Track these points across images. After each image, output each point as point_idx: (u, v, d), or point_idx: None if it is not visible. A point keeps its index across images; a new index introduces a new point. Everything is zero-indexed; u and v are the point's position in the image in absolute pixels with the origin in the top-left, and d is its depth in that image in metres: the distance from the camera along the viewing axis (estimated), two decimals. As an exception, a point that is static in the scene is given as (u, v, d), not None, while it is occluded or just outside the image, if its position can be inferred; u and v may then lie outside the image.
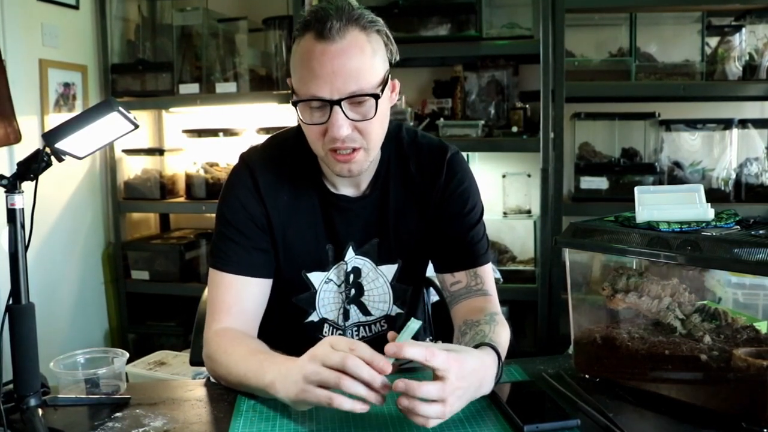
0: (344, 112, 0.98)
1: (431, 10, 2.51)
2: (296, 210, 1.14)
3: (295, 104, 1.01)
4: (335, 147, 1.01)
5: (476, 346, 0.96)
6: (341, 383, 0.81)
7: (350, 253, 1.17)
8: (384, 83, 1.02)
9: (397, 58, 1.07)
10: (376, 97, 1.00)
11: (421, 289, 1.36)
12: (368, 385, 0.82)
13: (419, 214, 1.18)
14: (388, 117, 1.08)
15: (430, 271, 1.29)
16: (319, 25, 0.96)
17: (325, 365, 0.83)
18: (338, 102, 0.97)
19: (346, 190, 1.15)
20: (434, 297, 1.51)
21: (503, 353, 1.00)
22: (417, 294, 1.32)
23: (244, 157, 1.16)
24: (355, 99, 0.98)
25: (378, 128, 1.04)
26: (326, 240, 1.16)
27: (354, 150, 1.02)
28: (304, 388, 0.85)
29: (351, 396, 0.83)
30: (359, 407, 0.82)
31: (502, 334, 1.05)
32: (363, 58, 0.98)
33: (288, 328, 1.20)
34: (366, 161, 1.06)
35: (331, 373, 0.82)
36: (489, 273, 1.18)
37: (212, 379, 1.09)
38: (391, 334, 0.90)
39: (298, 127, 1.19)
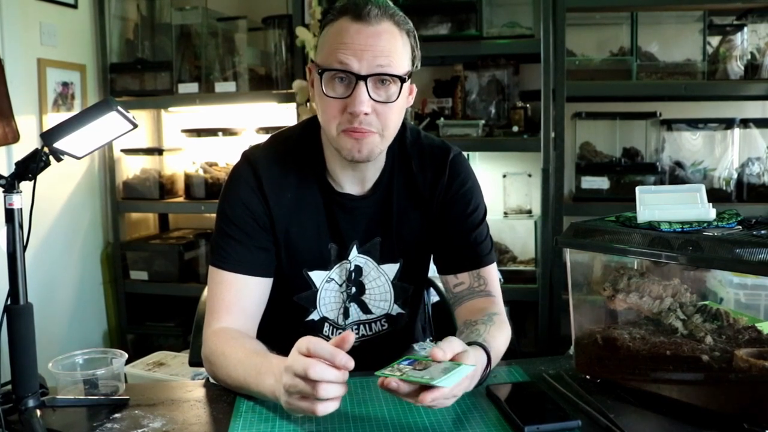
0: (368, 91, 0.99)
1: (432, 9, 2.51)
2: (300, 208, 1.14)
3: (320, 74, 1.02)
4: (351, 128, 1.01)
5: (469, 344, 0.96)
6: (317, 392, 0.81)
7: (354, 252, 1.17)
8: (408, 77, 1.03)
9: (419, 66, 1.08)
10: (402, 80, 1.01)
11: (423, 289, 1.36)
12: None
13: (421, 214, 1.18)
14: (403, 113, 1.09)
15: (431, 272, 1.29)
16: (357, 9, 0.99)
17: (297, 375, 0.83)
18: (365, 78, 0.98)
19: (351, 188, 1.15)
20: (434, 297, 1.50)
21: (494, 353, 1.00)
22: (418, 294, 1.32)
23: (247, 155, 1.16)
24: (382, 77, 1.00)
25: (395, 116, 1.05)
26: (329, 238, 1.16)
27: (368, 131, 1.02)
28: (288, 401, 0.85)
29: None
30: (334, 406, 0.83)
31: (497, 336, 1.04)
32: (395, 44, 1.01)
33: (288, 326, 1.20)
34: (377, 148, 1.05)
35: (306, 385, 0.82)
36: (492, 274, 1.18)
37: (211, 380, 1.09)
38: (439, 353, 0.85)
39: (302, 124, 1.19)
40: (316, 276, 1.17)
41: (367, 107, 0.99)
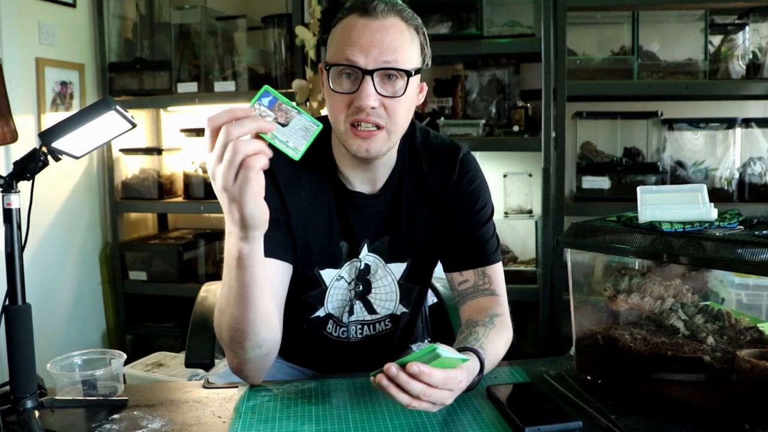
0: (375, 85, 0.99)
1: (432, 8, 2.50)
2: (313, 206, 1.14)
3: (327, 69, 1.02)
4: (358, 119, 1.01)
5: (463, 348, 0.97)
6: (239, 149, 0.80)
7: (364, 251, 1.17)
8: (416, 73, 1.04)
9: (429, 64, 1.09)
10: (408, 74, 1.01)
11: (427, 288, 1.36)
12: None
13: (430, 213, 1.18)
14: (413, 110, 1.09)
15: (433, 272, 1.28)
16: (364, 5, 1.02)
17: (216, 152, 0.81)
18: (371, 72, 0.99)
19: (362, 187, 1.15)
20: (432, 299, 1.50)
21: (489, 359, 1.00)
22: (422, 295, 1.32)
23: None
24: (388, 72, 1.00)
25: (404, 111, 1.05)
26: (341, 237, 1.16)
27: (377, 127, 1.02)
28: (221, 187, 0.83)
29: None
30: (264, 159, 0.82)
31: (496, 339, 1.04)
32: (402, 39, 1.02)
33: (293, 321, 1.19)
34: (386, 145, 1.05)
35: (227, 152, 0.80)
36: (498, 273, 1.18)
37: (225, 366, 1.05)
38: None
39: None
40: (327, 274, 1.17)
41: (373, 101, 1.00)
